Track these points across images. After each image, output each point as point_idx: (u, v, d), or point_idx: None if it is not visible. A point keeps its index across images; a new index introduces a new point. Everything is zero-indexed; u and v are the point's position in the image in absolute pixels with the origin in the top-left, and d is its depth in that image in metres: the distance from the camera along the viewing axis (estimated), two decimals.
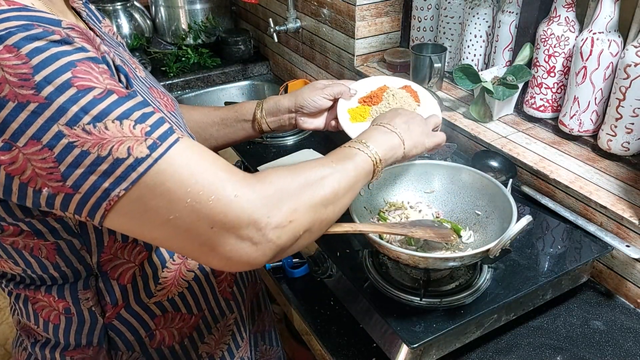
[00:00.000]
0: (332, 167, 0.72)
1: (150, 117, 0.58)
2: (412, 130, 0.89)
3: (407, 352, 0.88)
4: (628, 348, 0.96)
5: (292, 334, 1.66)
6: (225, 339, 0.87)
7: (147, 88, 0.83)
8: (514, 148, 1.26)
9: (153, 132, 0.57)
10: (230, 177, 0.60)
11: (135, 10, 2.12)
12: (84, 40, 0.59)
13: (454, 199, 1.03)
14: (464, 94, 1.51)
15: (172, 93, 2.04)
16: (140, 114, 0.57)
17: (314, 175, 0.69)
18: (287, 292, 1.13)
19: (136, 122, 0.56)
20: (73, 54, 0.55)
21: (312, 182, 0.68)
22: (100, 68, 0.58)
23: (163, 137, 0.58)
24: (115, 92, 0.57)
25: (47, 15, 0.58)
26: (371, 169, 0.80)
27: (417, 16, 1.62)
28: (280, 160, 1.36)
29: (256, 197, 0.61)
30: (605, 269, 1.10)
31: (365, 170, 0.78)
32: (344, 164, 0.75)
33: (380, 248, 0.89)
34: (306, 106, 1.04)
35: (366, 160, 0.79)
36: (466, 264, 0.90)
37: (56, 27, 0.56)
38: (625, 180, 1.13)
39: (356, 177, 0.76)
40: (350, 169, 0.75)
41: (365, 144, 0.81)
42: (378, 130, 0.86)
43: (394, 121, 0.88)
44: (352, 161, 0.77)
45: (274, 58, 2.19)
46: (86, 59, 0.56)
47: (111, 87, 0.57)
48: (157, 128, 0.58)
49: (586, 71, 1.17)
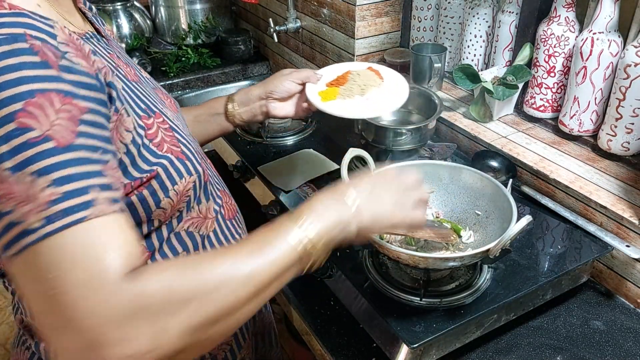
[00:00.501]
0: (236, 267, 0.60)
1: (70, 183, 0.53)
2: (377, 197, 0.73)
3: (407, 352, 0.88)
4: (628, 348, 0.96)
5: (292, 334, 1.65)
6: (227, 340, 0.87)
7: (152, 88, 0.84)
8: (514, 148, 1.26)
9: (59, 203, 0.52)
10: (105, 276, 0.53)
11: (135, 10, 2.12)
12: (77, 56, 0.58)
13: (454, 199, 1.03)
14: (464, 94, 1.51)
15: (172, 93, 2.04)
16: (61, 175, 0.53)
17: (210, 281, 0.58)
18: (287, 292, 1.13)
19: (50, 184, 0.52)
20: (42, 82, 0.53)
21: (202, 294, 0.57)
22: (65, 104, 0.54)
23: (67, 211, 0.52)
24: (54, 139, 0.53)
25: (45, 25, 0.57)
26: (299, 259, 0.65)
27: (417, 16, 1.62)
28: (281, 160, 1.36)
29: (117, 315, 0.52)
30: (605, 269, 1.10)
31: (288, 264, 0.64)
32: (257, 259, 0.61)
33: (380, 248, 0.89)
34: (276, 91, 1.06)
35: (291, 251, 0.64)
36: (466, 264, 0.90)
37: (47, 43, 0.55)
38: (625, 180, 1.13)
39: (270, 277, 0.62)
40: (265, 268, 0.61)
41: (298, 222, 0.66)
42: (325, 198, 0.70)
43: (357, 185, 0.73)
44: (272, 252, 0.62)
45: (274, 58, 2.19)
46: (56, 90, 0.54)
47: (53, 133, 0.53)
48: (69, 199, 0.53)
49: (586, 71, 1.17)
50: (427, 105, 1.38)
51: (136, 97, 0.72)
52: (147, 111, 0.72)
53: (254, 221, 1.33)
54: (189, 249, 0.78)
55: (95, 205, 0.54)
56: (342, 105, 1.05)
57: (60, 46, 0.57)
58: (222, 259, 0.60)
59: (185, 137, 0.77)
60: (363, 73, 1.12)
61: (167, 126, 0.74)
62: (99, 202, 0.55)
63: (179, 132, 0.76)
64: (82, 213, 0.53)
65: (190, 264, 0.59)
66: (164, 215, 0.72)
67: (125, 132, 0.66)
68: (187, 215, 0.77)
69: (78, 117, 0.56)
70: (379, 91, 1.10)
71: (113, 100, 0.64)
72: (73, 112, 0.55)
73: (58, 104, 0.54)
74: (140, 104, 0.72)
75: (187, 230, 0.77)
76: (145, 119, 0.71)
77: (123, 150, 0.65)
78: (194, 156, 0.76)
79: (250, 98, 1.08)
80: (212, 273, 0.59)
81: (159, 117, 0.74)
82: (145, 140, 0.69)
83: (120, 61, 0.77)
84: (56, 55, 0.56)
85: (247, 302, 0.61)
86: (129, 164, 0.66)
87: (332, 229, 0.68)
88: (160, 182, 0.69)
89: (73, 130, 0.55)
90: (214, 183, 0.87)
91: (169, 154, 0.71)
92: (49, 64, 0.55)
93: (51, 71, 0.54)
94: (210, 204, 0.82)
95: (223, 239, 0.84)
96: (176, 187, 0.71)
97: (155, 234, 0.74)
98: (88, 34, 0.72)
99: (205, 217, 0.81)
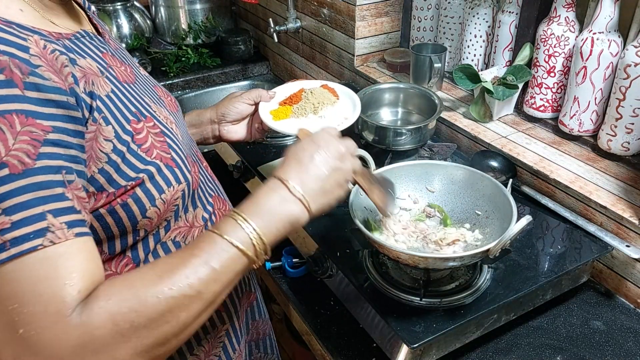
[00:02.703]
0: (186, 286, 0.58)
1: (22, 211, 0.52)
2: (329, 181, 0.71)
3: (407, 352, 0.88)
4: (628, 348, 0.96)
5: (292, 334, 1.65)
6: (215, 351, 0.85)
7: (151, 86, 0.82)
8: (514, 148, 1.26)
9: (10, 232, 0.51)
10: (58, 310, 0.52)
11: (135, 10, 2.12)
12: (49, 71, 0.56)
13: (454, 199, 1.03)
14: (464, 94, 1.51)
15: (172, 93, 2.04)
16: (14, 204, 0.51)
17: (158, 305, 0.56)
18: (287, 292, 1.13)
19: (2, 213, 0.51)
20: (3, 102, 0.52)
21: (156, 318, 0.56)
22: (27, 126, 0.53)
23: (20, 240, 0.51)
24: (9, 166, 0.51)
25: (17, 38, 0.56)
26: (247, 263, 0.64)
27: (417, 16, 1.62)
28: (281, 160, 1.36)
29: (70, 347, 0.52)
30: (605, 269, 1.10)
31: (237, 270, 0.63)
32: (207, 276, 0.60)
33: (380, 248, 0.89)
34: (228, 113, 1.04)
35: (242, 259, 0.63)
36: (466, 264, 0.90)
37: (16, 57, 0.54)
38: (625, 180, 1.13)
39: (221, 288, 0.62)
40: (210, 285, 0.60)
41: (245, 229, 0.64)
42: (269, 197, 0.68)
43: (303, 172, 0.70)
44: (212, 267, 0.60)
45: (274, 58, 2.19)
46: (17, 111, 0.53)
47: (9, 159, 0.52)
48: (21, 227, 0.51)
49: (586, 71, 1.17)
50: (427, 105, 1.38)
51: (127, 100, 0.70)
52: (137, 115, 0.70)
53: None
54: None
55: (51, 232, 0.53)
56: (294, 123, 1.05)
57: (31, 59, 0.56)
58: (164, 279, 0.58)
59: (176, 142, 0.74)
60: (317, 91, 1.11)
61: (158, 131, 0.72)
62: (56, 228, 0.53)
63: (171, 136, 0.74)
64: (35, 241, 0.52)
65: (137, 286, 0.57)
66: (150, 225, 0.70)
67: (105, 141, 0.64)
68: (174, 225, 0.75)
69: (41, 138, 0.54)
70: (332, 109, 1.10)
71: (92, 110, 0.62)
72: (35, 134, 0.54)
73: (18, 126, 0.53)
74: (130, 107, 0.70)
75: (174, 240, 0.75)
76: (135, 123, 0.69)
77: (104, 160, 0.64)
78: (184, 163, 0.73)
79: (202, 120, 1.05)
80: (159, 297, 0.57)
81: (150, 122, 0.72)
82: (133, 145, 0.67)
83: (115, 60, 0.75)
84: (23, 72, 0.54)
85: (202, 313, 0.60)
86: (113, 172, 0.64)
87: (282, 231, 0.67)
88: (146, 190, 0.67)
89: (33, 153, 0.53)
90: (205, 189, 0.84)
91: (158, 161, 0.69)
92: (14, 82, 0.53)
93: (15, 90, 0.53)
94: (199, 211, 0.80)
95: None
96: (163, 196, 0.69)
97: (142, 244, 0.72)
98: (79, 33, 0.70)
99: (192, 226, 0.78)
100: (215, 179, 0.92)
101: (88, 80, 0.64)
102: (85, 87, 0.62)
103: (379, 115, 1.45)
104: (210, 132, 1.06)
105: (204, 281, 0.60)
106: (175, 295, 0.57)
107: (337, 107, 1.11)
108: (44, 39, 0.60)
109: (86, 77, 0.63)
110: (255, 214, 0.65)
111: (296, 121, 1.06)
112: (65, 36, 0.66)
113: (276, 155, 1.38)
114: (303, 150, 0.73)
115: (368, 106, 1.41)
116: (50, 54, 0.59)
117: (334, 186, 0.73)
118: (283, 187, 0.69)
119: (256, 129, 1.08)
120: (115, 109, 0.67)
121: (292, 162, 0.72)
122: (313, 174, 0.71)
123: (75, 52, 0.66)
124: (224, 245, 0.62)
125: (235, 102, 1.05)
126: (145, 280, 0.58)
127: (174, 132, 0.76)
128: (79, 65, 0.64)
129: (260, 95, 1.06)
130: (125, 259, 0.72)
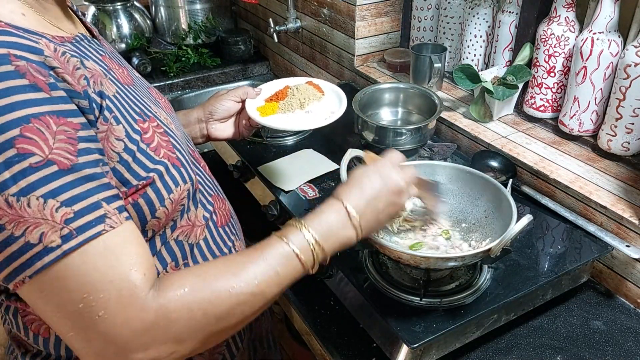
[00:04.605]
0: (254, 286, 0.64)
1: (80, 202, 0.55)
2: (383, 215, 0.77)
3: (407, 352, 0.88)
4: (628, 348, 0.96)
5: (292, 334, 1.65)
6: (219, 349, 0.85)
7: (146, 87, 0.83)
8: (514, 148, 1.26)
9: (74, 221, 0.54)
10: (132, 294, 0.57)
11: (135, 10, 2.12)
12: (64, 73, 0.57)
13: (454, 199, 1.03)
14: (464, 94, 1.51)
15: (172, 93, 2.04)
16: (70, 196, 0.54)
17: (227, 300, 0.62)
18: (287, 292, 1.13)
19: (61, 205, 0.53)
20: (34, 106, 0.53)
21: (226, 310, 0.63)
22: (61, 125, 0.55)
23: (84, 227, 0.54)
24: (56, 163, 0.54)
25: (29, 42, 0.56)
26: (304, 270, 0.70)
27: (417, 16, 1.62)
28: (281, 160, 1.36)
29: (144, 328, 0.58)
30: (605, 269, 1.10)
31: (295, 276, 0.70)
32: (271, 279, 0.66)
33: (381, 249, 0.89)
34: (215, 111, 1.05)
35: (299, 266, 0.69)
36: (467, 263, 0.90)
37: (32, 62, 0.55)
38: (625, 180, 1.13)
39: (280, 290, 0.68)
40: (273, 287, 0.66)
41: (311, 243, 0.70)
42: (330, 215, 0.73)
43: (362, 203, 0.75)
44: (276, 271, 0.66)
45: (274, 58, 2.19)
46: (49, 112, 0.54)
47: (54, 157, 0.54)
48: (82, 216, 0.55)
49: (586, 71, 1.17)
50: (427, 105, 1.38)
51: (130, 101, 0.71)
52: (142, 115, 0.71)
53: (254, 221, 1.34)
54: (177, 259, 0.76)
55: (108, 217, 0.57)
56: (282, 118, 1.06)
57: (47, 61, 0.56)
58: (236, 276, 0.64)
59: (179, 142, 0.75)
60: (302, 87, 1.12)
61: (162, 130, 0.73)
62: (111, 214, 0.57)
63: (174, 136, 0.75)
64: (98, 227, 0.55)
65: (210, 279, 0.63)
66: (158, 225, 0.71)
67: (116, 140, 0.64)
68: (179, 224, 0.75)
69: (75, 136, 0.57)
70: (319, 104, 1.11)
71: (102, 109, 0.63)
72: (69, 133, 0.56)
73: (54, 126, 0.55)
74: (135, 108, 0.70)
75: (177, 240, 0.76)
76: (141, 122, 0.69)
77: (116, 159, 0.64)
78: (187, 162, 0.74)
79: (190, 120, 1.06)
80: (230, 292, 0.63)
81: (154, 122, 0.72)
82: (142, 144, 0.68)
83: (113, 62, 0.75)
84: (43, 75, 0.55)
85: (258, 310, 0.67)
86: (124, 171, 0.65)
87: (336, 248, 0.74)
88: (156, 190, 0.68)
89: (73, 150, 0.56)
90: (205, 189, 0.84)
91: (166, 160, 0.70)
92: (39, 86, 0.54)
93: (41, 94, 0.54)
94: (199, 211, 0.80)
95: (215, 247, 0.82)
96: (172, 196, 0.70)
97: (149, 245, 0.72)
98: (79, 37, 0.70)
99: (194, 225, 0.78)
100: (213, 178, 0.92)
101: (96, 80, 0.64)
102: (94, 87, 0.63)
103: (379, 115, 1.45)
104: (199, 131, 1.07)
105: (269, 283, 0.66)
106: (245, 291, 0.63)
107: (323, 102, 1.12)
108: (51, 42, 0.60)
109: (94, 78, 0.64)
110: (316, 226, 0.71)
111: (283, 116, 1.07)
112: (67, 39, 0.67)
113: (276, 155, 1.38)
114: (368, 181, 0.77)
115: (368, 106, 1.41)
116: (62, 56, 0.60)
117: (387, 218, 0.78)
118: (344, 211, 0.74)
119: (244, 125, 1.09)
120: (123, 109, 0.67)
121: (355, 190, 0.76)
122: (372, 206, 0.75)
123: (80, 55, 0.66)
124: (289, 253, 0.68)
125: (222, 100, 1.06)
126: (218, 275, 0.63)
127: (174, 132, 0.76)
128: (87, 66, 0.64)
129: (246, 93, 1.07)
130: None
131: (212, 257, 0.81)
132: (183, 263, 0.77)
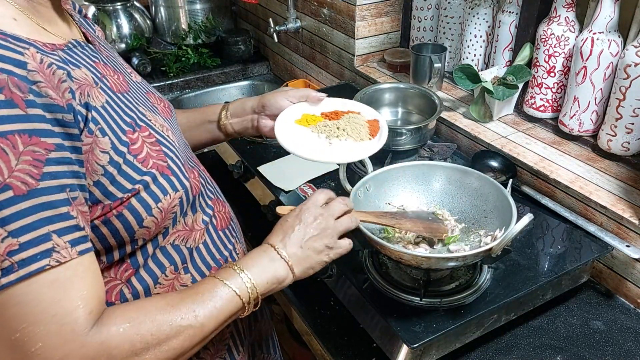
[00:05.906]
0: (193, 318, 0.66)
1: (28, 233, 0.53)
2: (309, 248, 0.79)
3: (407, 352, 0.88)
4: (628, 348, 0.96)
5: (292, 335, 1.65)
6: (221, 354, 0.85)
7: (144, 93, 0.81)
8: (514, 148, 1.26)
9: (18, 253, 0.52)
10: (74, 329, 0.56)
11: (135, 10, 2.12)
12: (47, 87, 0.56)
13: (453, 199, 1.03)
14: (464, 94, 1.51)
15: (172, 93, 2.04)
16: (19, 226, 0.52)
17: (168, 332, 0.63)
18: (287, 292, 1.13)
19: (8, 235, 0.52)
20: (5, 123, 0.52)
21: (161, 343, 0.63)
22: (30, 145, 0.53)
23: (27, 261, 0.53)
24: (13, 188, 0.52)
25: (14, 53, 0.55)
26: (241, 307, 0.72)
27: (417, 16, 1.62)
28: (281, 160, 1.36)
29: None
30: (605, 269, 1.10)
31: (232, 312, 0.71)
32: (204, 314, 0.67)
33: (381, 249, 0.89)
34: (268, 106, 1.00)
35: (237, 302, 0.71)
36: (468, 263, 0.90)
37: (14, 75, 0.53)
38: (625, 180, 1.13)
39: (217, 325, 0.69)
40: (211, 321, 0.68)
41: (242, 278, 0.72)
42: (262, 257, 0.77)
43: (286, 239, 0.79)
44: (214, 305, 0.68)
45: (274, 58, 2.19)
46: (20, 131, 0.53)
47: (12, 180, 0.52)
48: (28, 248, 0.53)
49: (586, 71, 1.17)
50: (427, 105, 1.38)
51: (121, 110, 0.69)
52: (132, 125, 0.69)
53: (254, 221, 1.34)
54: (176, 264, 0.76)
55: (56, 251, 0.54)
56: (298, 139, 0.95)
57: (29, 75, 0.55)
58: (178, 309, 0.66)
59: (173, 149, 0.74)
60: (358, 121, 0.98)
61: (154, 140, 0.71)
62: (60, 248, 0.55)
63: (167, 144, 0.73)
64: (42, 262, 0.53)
65: (152, 312, 0.64)
66: (149, 234, 0.70)
67: (101, 153, 0.63)
68: (172, 229, 0.75)
69: (44, 158, 0.55)
70: (349, 145, 0.94)
71: (87, 122, 0.62)
72: (38, 154, 0.54)
73: (21, 146, 0.53)
74: (125, 118, 0.69)
75: (173, 244, 0.75)
76: (130, 133, 0.68)
77: (100, 173, 0.63)
78: (181, 170, 0.73)
79: (245, 109, 1.02)
80: (171, 324, 0.64)
81: (145, 131, 0.71)
82: (129, 156, 0.67)
83: (107, 68, 0.73)
84: (22, 90, 0.54)
85: (198, 344, 0.68)
86: (108, 184, 0.64)
87: (269, 286, 0.75)
88: (141, 200, 0.67)
89: (37, 173, 0.54)
90: (205, 193, 0.84)
91: (154, 170, 0.69)
92: (15, 102, 0.53)
93: (16, 110, 0.53)
94: (198, 215, 0.79)
95: (215, 250, 0.81)
96: (160, 205, 0.69)
97: (140, 251, 0.72)
98: (72, 42, 0.69)
99: (192, 229, 0.78)
100: (213, 181, 0.91)
101: (83, 91, 0.63)
102: (80, 99, 0.62)
103: None
104: (251, 122, 1.03)
105: (207, 317, 0.67)
106: (184, 324, 0.65)
107: (358, 145, 0.95)
108: (40, 51, 0.59)
109: (81, 89, 0.63)
110: (250, 267, 0.74)
111: (306, 136, 0.96)
112: (59, 47, 0.65)
113: (276, 155, 1.38)
114: (285, 221, 0.82)
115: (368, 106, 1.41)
116: (47, 68, 0.58)
117: (314, 252, 0.80)
118: (271, 249, 0.78)
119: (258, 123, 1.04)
120: (111, 120, 0.66)
121: (278, 232, 0.81)
122: (294, 241, 0.79)
123: (70, 63, 0.64)
124: (225, 290, 0.70)
125: (278, 96, 1.01)
126: (160, 308, 0.65)
127: (170, 139, 0.75)
128: (75, 77, 0.63)
129: (307, 96, 1.01)
130: (125, 265, 0.72)
131: (213, 261, 0.81)
132: (182, 267, 0.77)
